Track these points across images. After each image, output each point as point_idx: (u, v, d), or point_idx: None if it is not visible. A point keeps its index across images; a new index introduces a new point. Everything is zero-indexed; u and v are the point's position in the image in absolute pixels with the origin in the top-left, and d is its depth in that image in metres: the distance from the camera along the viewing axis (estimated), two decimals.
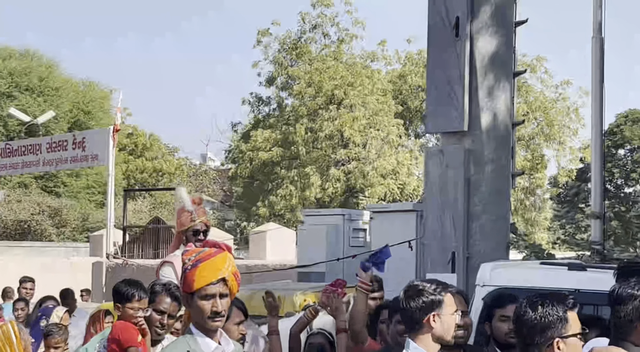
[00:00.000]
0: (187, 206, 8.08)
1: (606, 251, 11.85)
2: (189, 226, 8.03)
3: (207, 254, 4.49)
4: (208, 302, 4.39)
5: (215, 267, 4.45)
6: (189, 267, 4.45)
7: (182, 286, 4.50)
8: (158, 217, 28.52)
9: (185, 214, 8.07)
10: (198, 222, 8.06)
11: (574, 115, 35.69)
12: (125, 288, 6.44)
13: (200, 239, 8.08)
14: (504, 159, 12.78)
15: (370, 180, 34.28)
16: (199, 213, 8.10)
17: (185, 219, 8.06)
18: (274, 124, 36.88)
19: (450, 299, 4.81)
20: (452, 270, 12.35)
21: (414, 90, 36.48)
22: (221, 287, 4.42)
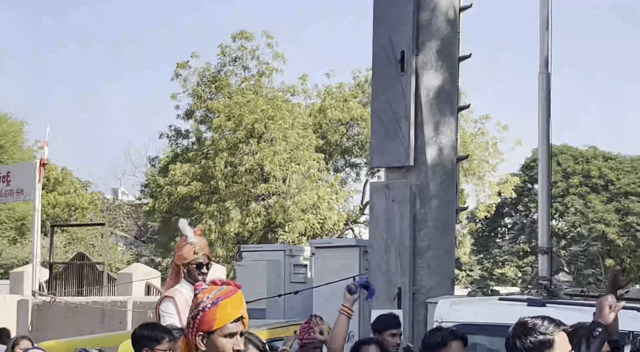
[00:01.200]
0: (190, 238, 7.73)
1: (553, 286, 11.82)
2: (191, 259, 7.66)
3: (226, 292, 4.37)
4: (230, 340, 4.30)
5: (236, 305, 4.35)
6: (209, 305, 4.30)
7: (199, 325, 4.32)
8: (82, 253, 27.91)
9: (187, 246, 7.70)
10: (201, 255, 7.70)
11: (493, 150, 36.08)
12: (153, 331, 6.25)
13: (204, 273, 7.81)
14: (449, 193, 12.77)
15: (290, 215, 34.06)
16: (201, 246, 7.77)
17: (188, 252, 7.69)
18: (192, 158, 36.47)
19: (563, 339, 4.59)
20: (398, 306, 12.26)
21: (333, 124, 36.47)
22: (241, 325, 4.34)
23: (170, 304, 7.58)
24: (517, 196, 42.24)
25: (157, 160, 42.47)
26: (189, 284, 7.71)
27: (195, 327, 4.34)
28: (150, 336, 6.17)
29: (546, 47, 11.90)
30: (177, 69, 37.15)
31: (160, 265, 43.85)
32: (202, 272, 7.72)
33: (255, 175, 34.61)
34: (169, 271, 25.13)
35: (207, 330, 4.29)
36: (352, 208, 38.56)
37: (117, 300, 19.12)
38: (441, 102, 12.72)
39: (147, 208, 40.57)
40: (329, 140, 36.40)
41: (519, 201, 43.89)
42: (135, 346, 6.21)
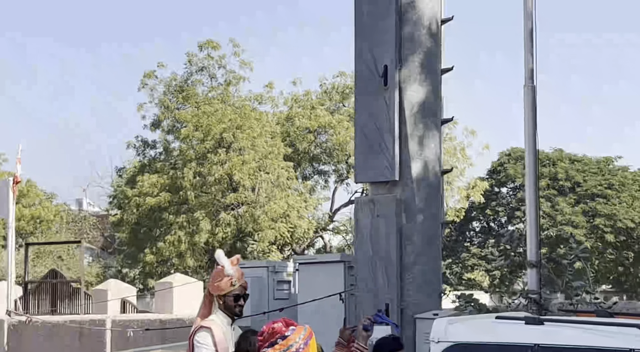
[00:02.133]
0: (227, 269, 7.46)
1: (543, 300, 11.76)
2: (228, 291, 7.45)
3: (309, 333, 4.89)
4: None
5: (315, 344, 4.88)
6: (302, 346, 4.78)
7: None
8: (55, 270, 27.53)
9: (224, 278, 7.52)
10: (238, 286, 7.49)
11: (461, 156, 36.13)
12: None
13: (241, 305, 7.62)
14: (435, 207, 12.67)
15: (260, 224, 33.94)
16: (238, 276, 7.52)
17: (225, 284, 7.42)
18: (160, 169, 36.23)
19: None
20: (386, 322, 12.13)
21: (301, 132, 36.37)
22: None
23: (207, 334, 7.34)
24: (485, 200, 42.35)
25: (123, 170, 42.13)
26: (225, 316, 7.55)
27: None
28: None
29: (531, 60, 11.85)
30: (143, 79, 36.92)
31: (128, 276, 43.48)
32: (239, 304, 7.56)
33: (224, 185, 34.44)
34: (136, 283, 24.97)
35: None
36: (321, 215, 38.48)
37: (96, 318, 18.87)
38: (425, 116, 12.61)
39: (114, 219, 40.24)
40: (297, 148, 36.30)
41: (487, 205, 43.99)
42: None
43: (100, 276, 41.53)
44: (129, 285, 27.94)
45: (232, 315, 7.58)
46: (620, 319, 9.61)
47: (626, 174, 45.66)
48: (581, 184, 44.74)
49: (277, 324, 4.81)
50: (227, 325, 7.59)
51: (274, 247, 35.32)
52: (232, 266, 7.58)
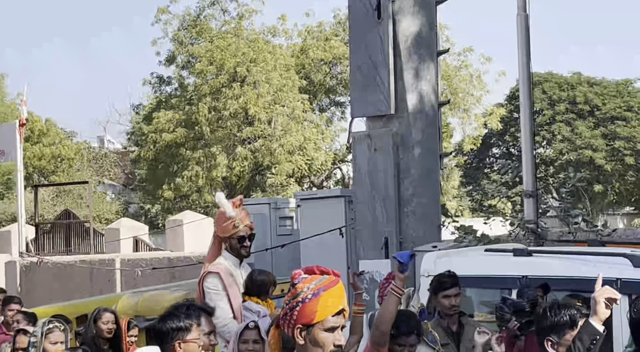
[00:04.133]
0: (228, 211, 7.50)
1: (540, 230, 11.79)
2: (231, 233, 7.51)
3: (327, 283, 4.13)
4: (331, 335, 4.06)
5: (337, 297, 4.11)
6: (309, 296, 4.08)
7: (297, 317, 4.10)
8: (68, 211, 27.68)
9: (227, 221, 7.50)
10: (242, 227, 7.54)
11: (477, 83, 35.86)
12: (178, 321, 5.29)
13: (246, 246, 7.61)
14: (432, 140, 12.66)
15: (277, 157, 33.92)
16: (241, 217, 7.55)
17: (228, 226, 7.49)
18: (176, 105, 36.22)
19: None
20: (386, 255, 12.22)
21: (316, 64, 36.15)
22: (342, 318, 4.10)
23: (216, 279, 7.41)
24: (504, 126, 42.09)
25: (140, 107, 42.17)
26: (232, 257, 7.56)
27: (293, 319, 4.12)
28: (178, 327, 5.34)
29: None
30: (157, 14, 36.73)
31: (150, 212, 43.77)
32: (244, 245, 7.55)
33: (239, 119, 34.40)
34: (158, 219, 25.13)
35: (306, 323, 4.08)
36: (339, 147, 38.43)
37: (105, 258, 19.02)
38: (420, 48, 12.55)
39: (133, 156, 40.38)
40: (313, 80, 36.13)
41: (505, 131, 43.74)
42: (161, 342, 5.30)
43: (120, 213, 41.77)
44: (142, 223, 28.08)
45: (239, 256, 7.60)
46: (608, 249, 9.64)
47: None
48: (600, 107, 44.33)
49: (297, 271, 4.24)
50: (236, 266, 7.61)
51: (291, 180, 35.36)
52: (235, 208, 7.56)
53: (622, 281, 8.16)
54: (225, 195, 7.82)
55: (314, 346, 4.06)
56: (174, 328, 5.23)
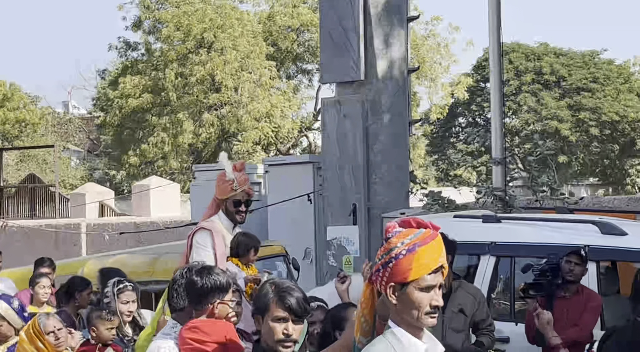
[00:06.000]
0: (228, 173, 7.44)
1: (508, 197, 11.83)
2: (228, 195, 7.42)
3: (424, 237, 3.78)
4: (427, 295, 3.75)
5: (435, 253, 3.77)
6: (403, 252, 3.74)
7: (391, 275, 3.77)
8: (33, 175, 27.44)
9: (226, 183, 7.45)
10: (239, 191, 7.44)
11: (444, 52, 35.87)
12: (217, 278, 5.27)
13: (242, 211, 7.54)
14: (401, 107, 12.65)
15: (243, 124, 33.84)
16: (240, 181, 7.47)
17: (225, 188, 7.42)
18: (142, 70, 35.94)
19: None
20: (354, 222, 12.23)
21: (283, 31, 35.98)
22: (440, 276, 3.78)
23: (206, 235, 7.35)
24: (471, 96, 42.16)
25: (106, 73, 41.82)
26: (227, 220, 7.51)
27: (385, 277, 3.81)
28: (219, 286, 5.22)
29: None
30: None
31: (115, 178, 43.55)
32: (239, 210, 7.49)
33: (206, 85, 34.25)
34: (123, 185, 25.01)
35: (400, 281, 3.76)
36: (305, 115, 38.37)
37: (71, 222, 18.91)
38: (390, 14, 12.50)
39: (99, 122, 40.10)
40: (280, 47, 35.98)
41: (472, 100, 43.82)
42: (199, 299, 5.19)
43: (85, 179, 41.51)
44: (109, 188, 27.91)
45: (233, 220, 7.55)
46: (577, 216, 9.71)
47: (611, 67, 45.34)
48: (566, 78, 44.48)
49: (391, 223, 3.88)
50: (229, 229, 7.57)
51: (258, 147, 35.31)
52: (235, 171, 7.52)
53: (590, 248, 8.23)
54: (227, 156, 7.79)
55: (408, 307, 3.78)
56: (214, 286, 5.17)
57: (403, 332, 3.79)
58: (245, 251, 7.55)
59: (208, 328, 5.03)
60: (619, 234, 8.32)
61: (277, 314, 4.36)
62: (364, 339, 4.05)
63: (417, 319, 3.76)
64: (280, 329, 4.34)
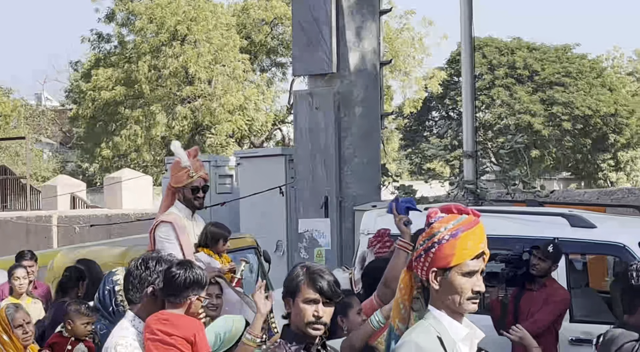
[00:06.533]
0: (183, 161, 7.38)
1: (479, 190, 11.87)
2: (186, 183, 7.38)
3: (467, 223, 3.82)
4: (470, 280, 3.77)
5: (477, 239, 3.81)
6: (446, 237, 3.77)
7: (433, 260, 3.80)
8: (4, 167, 27.28)
9: (182, 170, 7.40)
10: (196, 178, 7.40)
11: (418, 46, 35.90)
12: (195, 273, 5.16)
13: (200, 197, 7.51)
14: (373, 99, 12.67)
15: (217, 117, 33.79)
16: (196, 167, 7.43)
17: (182, 176, 7.38)
18: (115, 63, 35.78)
19: None
20: (325, 214, 12.25)
21: (257, 24, 35.92)
22: (482, 262, 3.81)
23: (168, 228, 7.34)
24: (444, 90, 42.25)
25: (79, 65, 41.58)
26: (185, 208, 7.49)
27: (427, 262, 3.83)
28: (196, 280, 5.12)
29: None
30: None
31: (88, 171, 43.37)
32: (197, 196, 7.46)
33: (179, 78, 34.17)
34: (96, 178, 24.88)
35: (442, 266, 3.79)
36: (279, 108, 38.34)
37: (42, 215, 18.83)
38: (362, 7, 12.52)
39: (71, 114, 39.89)
40: (254, 40, 35.92)
41: (445, 94, 43.91)
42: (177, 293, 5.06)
43: (57, 171, 41.32)
44: (81, 181, 27.79)
45: (192, 207, 7.54)
46: (546, 209, 9.75)
47: (584, 62, 45.60)
48: (539, 72, 44.66)
49: (433, 208, 3.93)
50: (188, 217, 7.56)
51: (231, 140, 35.27)
52: (190, 158, 7.51)
53: (559, 240, 8.26)
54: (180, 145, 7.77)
55: (450, 292, 3.81)
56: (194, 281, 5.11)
57: (444, 316, 3.82)
58: (214, 241, 7.54)
59: (179, 322, 4.99)
60: (587, 227, 8.36)
61: (308, 295, 4.35)
62: (402, 326, 4.07)
63: (459, 305, 3.80)
64: (310, 311, 4.32)
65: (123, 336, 5.01)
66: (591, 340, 8.09)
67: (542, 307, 7.72)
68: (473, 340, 3.88)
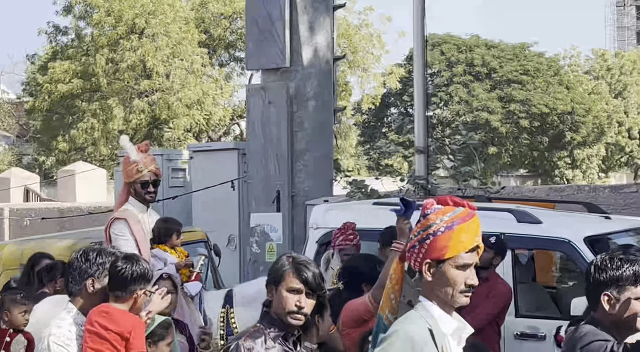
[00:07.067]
0: (132, 155, 7.38)
1: (430, 185, 11.93)
2: (136, 177, 7.37)
3: (463, 215, 3.80)
4: (463, 272, 3.77)
5: (472, 232, 3.79)
6: (442, 229, 3.76)
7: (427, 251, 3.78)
8: None
9: (131, 165, 7.38)
10: (146, 172, 7.38)
11: (377, 42, 35.97)
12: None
13: (150, 191, 7.47)
14: (327, 94, 12.68)
15: (175, 111, 33.68)
16: (145, 162, 7.40)
17: (131, 171, 7.37)
18: (72, 55, 35.53)
19: None
20: (277, 209, 12.24)
21: (216, 18, 35.83)
22: (476, 256, 3.82)
23: (122, 225, 7.32)
24: (402, 86, 42.40)
25: (36, 57, 41.25)
26: (138, 203, 7.45)
27: (421, 253, 3.81)
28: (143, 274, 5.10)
29: None
30: None
31: (44, 164, 43.05)
32: (147, 191, 7.44)
33: (137, 71, 34.02)
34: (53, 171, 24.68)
35: (436, 258, 3.78)
36: (237, 103, 38.27)
37: None
38: (316, 2, 12.52)
39: (28, 107, 39.58)
40: (212, 34, 35.83)
41: (404, 91, 44.06)
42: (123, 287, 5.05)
43: (12, 164, 40.98)
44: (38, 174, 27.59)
45: (144, 202, 7.51)
46: (494, 204, 9.81)
47: (541, 60, 45.97)
48: (497, 70, 44.97)
49: (429, 200, 3.88)
50: (142, 212, 7.53)
51: (189, 134, 35.18)
52: (139, 153, 7.47)
53: (506, 236, 8.32)
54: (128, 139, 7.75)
55: (443, 284, 3.80)
56: (141, 275, 5.07)
57: (435, 308, 3.82)
58: (167, 236, 7.52)
59: (118, 317, 4.96)
60: (533, 222, 8.42)
61: (293, 285, 4.42)
62: (392, 316, 4.11)
63: (451, 297, 3.80)
64: (293, 301, 4.39)
65: (58, 326, 4.98)
66: (536, 335, 8.23)
67: (484, 302, 7.74)
68: (462, 334, 3.89)
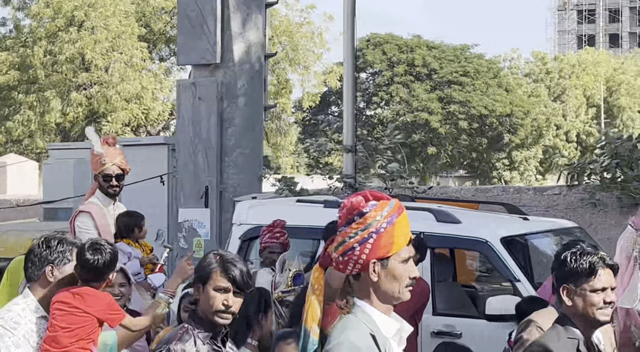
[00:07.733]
0: (96, 148, 7.27)
1: (358, 184, 12.01)
2: (99, 170, 7.29)
3: (398, 208, 3.56)
4: (406, 266, 3.57)
5: (407, 223, 3.58)
6: (384, 225, 3.50)
7: (372, 251, 3.54)
8: None
9: (95, 157, 7.29)
10: (109, 165, 7.29)
11: (319, 40, 36.08)
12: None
13: (113, 185, 7.38)
14: (257, 91, 12.69)
15: (113, 105, 33.52)
16: (110, 155, 7.32)
17: (95, 163, 7.29)
18: (10, 47, 35.19)
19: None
20: (206, 205, 12.23)
21: (157, 13, 35.71)
22: (412, 248, 3.63)
23: (86, 218, 7.26)
24: None
25: None
26: (103, 196, 7.40)
27: (364, 254, 3.55)
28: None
29: None
30: None
31: None
32: (110, 184, 7.36)
33: (76, 64, 33.78)
34: None
35: (382, 256, 3.54)
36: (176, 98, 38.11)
37: None
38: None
39: None
40: (153, 29, 35.69)
41: None
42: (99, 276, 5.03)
43: None
44: None
45: (107, 195, 7.45)
46: (416, 204, 9.90)
47: (482, 61, 46.40)
48: (437, 71, 45.29)
49: (356, 198, 3.58)
50: (108, 205, 7.48)
51: (127, 128, 35.00)
52: (104, 145, 7.41)
53: (425, 235, 8.40)
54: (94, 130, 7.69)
55: (389, 281, 3.59)
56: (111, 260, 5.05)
57: (375, 311, 3.63)
58: (129, 230, 7.50)
59: (91, 300, 4.93)
60: (453, 222, 8.52)
61: (220, 284, 4.33)
62: (317, 329, 3.82)
63: (398, 293, 3.61)
64: (220, 300, 4.31)
65: (8, 309, 4.94)
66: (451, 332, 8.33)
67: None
68: (402, 334, 3.73)
